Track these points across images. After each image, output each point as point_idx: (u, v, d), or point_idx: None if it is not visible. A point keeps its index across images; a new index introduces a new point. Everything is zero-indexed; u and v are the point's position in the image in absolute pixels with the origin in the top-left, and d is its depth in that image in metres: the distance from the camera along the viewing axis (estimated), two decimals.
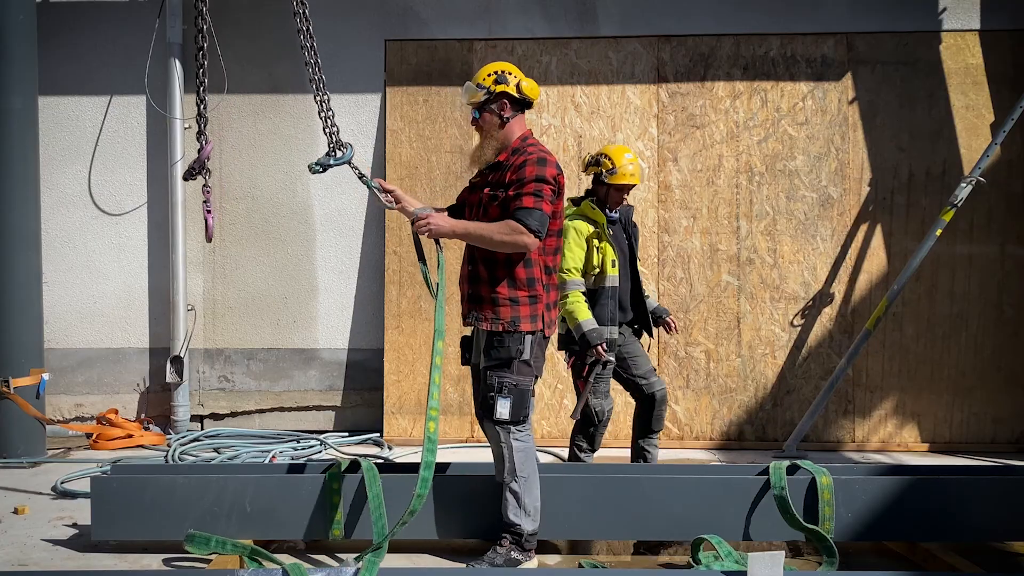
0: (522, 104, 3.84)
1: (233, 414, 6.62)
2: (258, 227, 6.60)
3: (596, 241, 4.55)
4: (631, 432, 4.89)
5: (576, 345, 4.49)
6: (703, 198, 6.27)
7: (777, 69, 6.31)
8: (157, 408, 6.60)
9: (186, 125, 6.51)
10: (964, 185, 5.70)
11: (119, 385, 6.64)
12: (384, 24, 6.49)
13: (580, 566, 3.69)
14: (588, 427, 4.65)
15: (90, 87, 6.59)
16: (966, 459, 5.84)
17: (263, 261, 6.60)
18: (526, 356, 3.68)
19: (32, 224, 5.87)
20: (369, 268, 6.55)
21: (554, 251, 3.80)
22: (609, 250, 4.58)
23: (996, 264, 6.22)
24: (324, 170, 3.89)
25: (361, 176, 3.97)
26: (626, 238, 4.76)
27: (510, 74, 3.81)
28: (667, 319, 4.91)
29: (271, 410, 6.61)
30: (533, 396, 3.84)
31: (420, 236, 3.80)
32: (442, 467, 4.32)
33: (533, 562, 3.78)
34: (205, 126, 4.17)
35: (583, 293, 4.53)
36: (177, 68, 6.43)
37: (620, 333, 4.67)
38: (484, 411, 3.73)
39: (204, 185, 4.28)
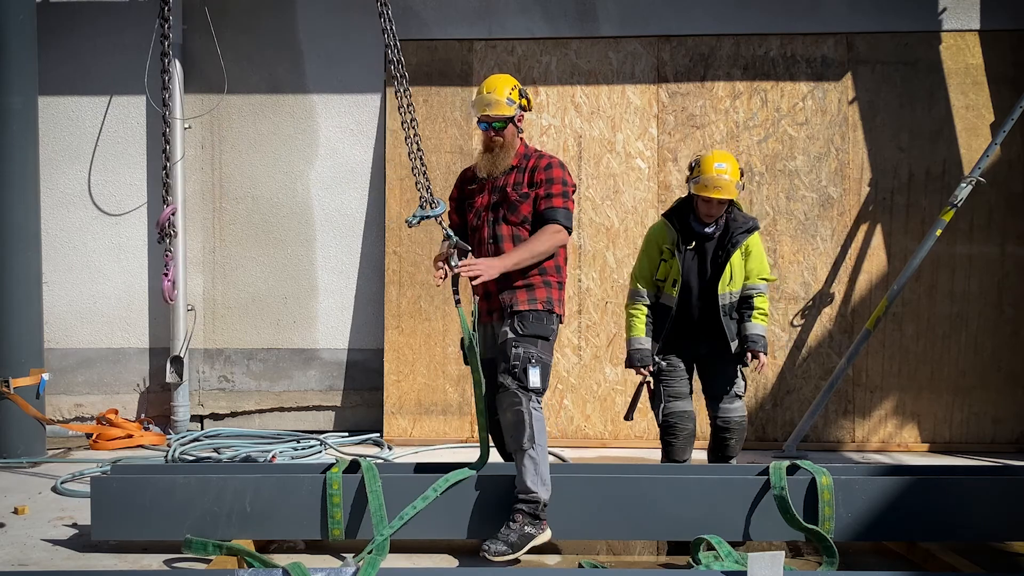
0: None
1: (233, 414, 6.62)
2: (258, 227, 6.60)
3: (666, 255, 4.32)
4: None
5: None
6: None
7: (777, 69, 6.31)
8: (157, 408, 6.60)
9: (186, 125, 6.51)
10: (964, 185, 5.70)
11: (119, 385, 6.64)
12: None
13: (580, 566, 3.70)
14: (664, 435, 4.40)
15: (90, 87, 6.59)
16: (966, 459, 5.84)
17: (263, 261, 6.60)
18: (554, 336, 3.96)
19: (32, 224, 5.87)
20: (369, 268, 6.55)
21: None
22: (674, 268, 4.29)
23: (996, 264, 6.22)
24: (419, 222, 4.03)
25: (448, 236, 3.98)
26: (718, 256, 4.28)
27: (523, 88, 4.08)
28: (755, 350, 4.25)
29: (271, 410, 6.61)
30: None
31: (469, 282, 3.86)
32: (442, 467, 4.32)
33: (547, 534, 3.83)
34: (167, 191, 4.27)
35: (647, 305, 4.36)
36: (177, 68, 6.43)
37: (667, 358, 4.36)
38: (514, 379, 3.79)
39: (165, 251, 4.32)
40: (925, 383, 6.20)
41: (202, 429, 6.54)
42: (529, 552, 3.95)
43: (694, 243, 4.31)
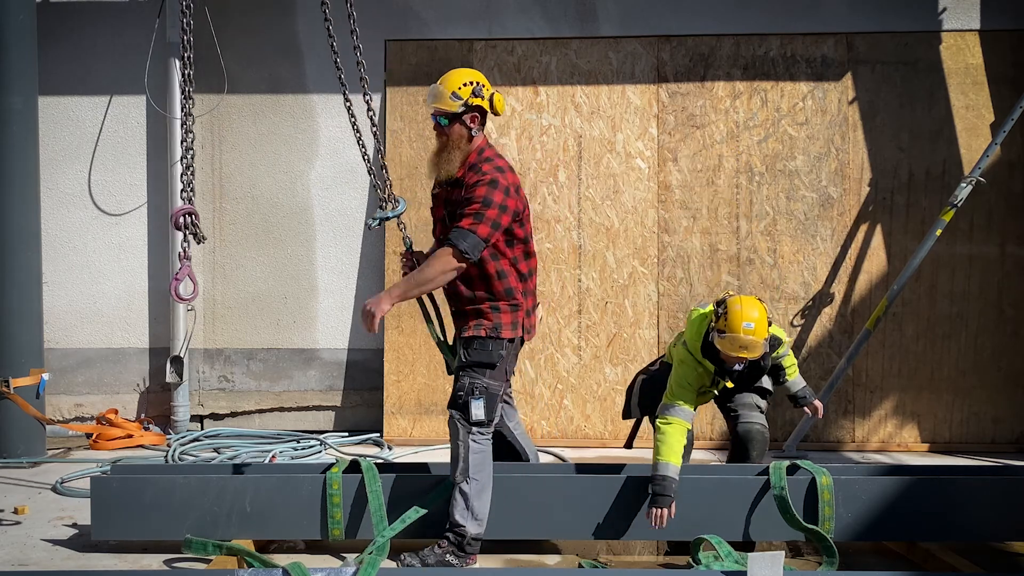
0: (486, 118, 3.85)
1: (233, 414, 6.62)
2: (258, 227, 6.60)
3: (703, 389, 4.03)
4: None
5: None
6: (703, 198, 6.27)
7: (777, 69, 6.31)
8: (157, 408, 6.60)
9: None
10: (964, 185, 5.70)
11: (119, 385, 6.63)
12: (384, 24, 6.48)
13: (580, 566, 3.70)
14: None
15: (90, 87, 6.59)
16: (966, 459, 5.84)
17: (263, 261, 6.59)
18: (503, 361, 3.76)
19: (32, 224, 5.87)
20: (369, 268, 6.55)
21: (525, 256, 3.84)
22: (708, 395, 4.10)
23: (996, 264, 6.22)
24: (379, 224, 4.01)
25: (405, 238, 4.05)
26: (748, 374, 4.10)
27: (483, 86, 3.79)
28: (810, 404, 4.27)
29: (271, 410, 6.61)
30: (511, 401, 3.95)
31: (369, 320, 3.73)
32: (439, 468, 4.33)
33: (473, 567, 3.76)
34: (189, 239, 4.02)
35: (687, 426, 3.86)
36: (177, 68, 6.42)
37: None
38: (456, 410, 3.75)
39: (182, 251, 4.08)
40: (925, 383, 6.20)
41: (202, 429, 6.54)
42: (529, 552, 3.96)
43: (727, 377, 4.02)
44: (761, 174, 6.26)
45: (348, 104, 4.14)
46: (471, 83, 3.76)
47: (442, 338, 4.03)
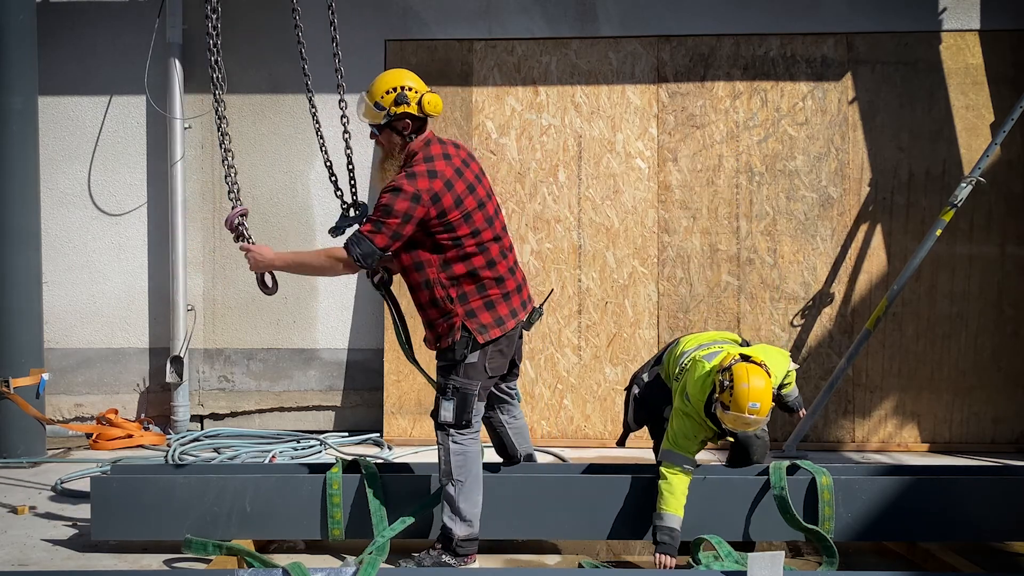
0: (425, 120, 3.76)
1: (233, 414, 6.62)
2: (258, 227, 6.59)
3: (706, 438, 3.95)
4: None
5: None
6: (703, 198, 6.27)
7: (777, 69, 6.31)
8: (157, 408, 6.60)
9: (186, 125, 6.51)
10: (964, 185, 5.70)
11: (119, 385, 6.63)
12: (384, 24, 6.48)
13: (580, 566, 3.70)
14: None
15: (90, 87, 6.59)
16: (966, 459, 5.84)
17: None
18: (472, 360, 3.70)
19: (32, 224, 5.87)
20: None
21: (480, 249, 3.70)
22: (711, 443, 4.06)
23: (996, 264, 6.22)
24: (341, 232, 3.99)
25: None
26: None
27: (410, 89, 3.69)
28: (797, 411, 4.28)
29: (271, 410, 6.61)
30: (481, 401, 3.80)
31: (256, 274, 3.83)
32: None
33: (470, 567, 3.75)
34: (236, 191, 4.01)
35: (689, 475, 3.83)
36: (177, 68, 6.43)
37: None
38: (432, 412, 3.77)
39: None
40: (925, 383, 6.20)
41: (202, 429, 6.54)
42: (529, 552, 3.96)
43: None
44: (761, 174, 6.26)
45: (314, 110, 4.10)
46: (395, 89, 3.65)
47: (407, 345, 4.05)
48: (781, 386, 4.10)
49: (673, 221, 6.27)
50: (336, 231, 4.04)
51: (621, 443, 4.44)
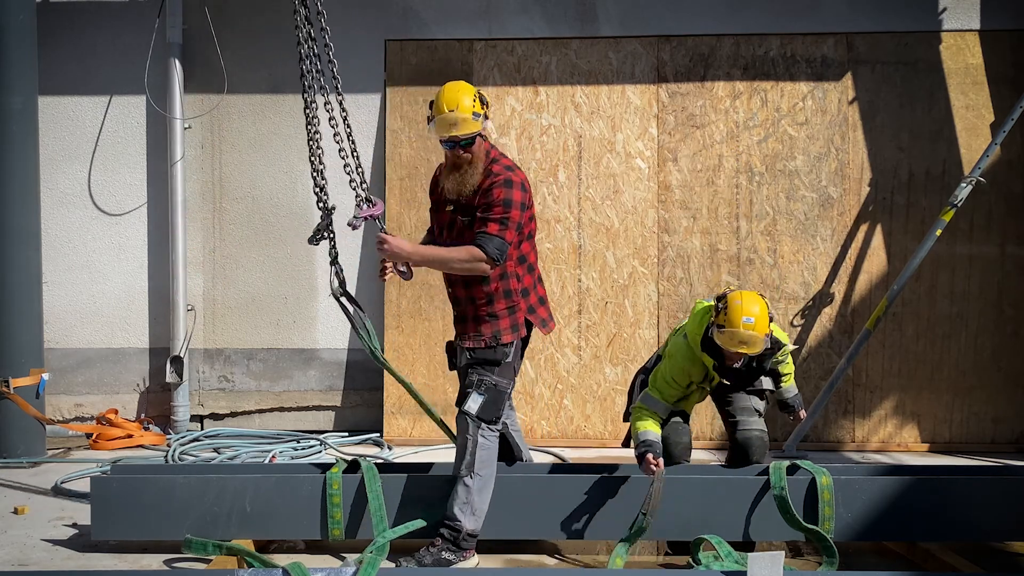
0: None
1: (233, 414, 6.62)
2: (258, 227, 6.60)
3: (694, 387, 4.03)
4: None
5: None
6: (703, 198, 6.27)
7: (777, 69, 6.31)
8: (157, 408, 6.60)
9: (186, 125, 6.51)
10: (964, 185, 5.70)
11: (119, 385, 6.63)
12: (384, 24, 6.48)
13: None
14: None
15: (90, 87, 6.59)
16: (966, 459, 5.84)
17: (263, 261, 6.59)
18: (508, 359, 3.80)
19: (32, 224, 5.87)
20: (369, 268, 6.54)
21: (532, 249, 3.89)
22: (702, 393, 4.11)
23: (996, 264, 6.22)
24: (316, 242, 4.05)
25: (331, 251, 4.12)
26: (745, 374, 4.02)
27: (480, 92, 3.76)
28: (796, 412, 4.27)
29: (271, 410, 6.61)
30: (510, 399, 3.92)
31: (381, 257, 3.80)
32: (439, 468, 4.33)
33: (470, 562, 3.76)
34: (365, 190, 3.99)
35: (662, 418, 3.96)
36: (177, 68, 6.43)
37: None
38: (459, 402, 3.80)
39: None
40: (925, 383, 6.20)
41: (202, 429, 6.54)
42: (529, 552, 3.96)
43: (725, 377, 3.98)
44: (761, 174, 6.26)
45: (328, 104, 4.07)
46: (476, 96, 3.71)
47: (374, 347, 4.05)
48: (779, 363, 4.12)
49: (673, 221, 6.27)
50: (315, 239, 4.06)
51: (627, 443, 4.44)
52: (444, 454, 5.89)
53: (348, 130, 4.06)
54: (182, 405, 6.47)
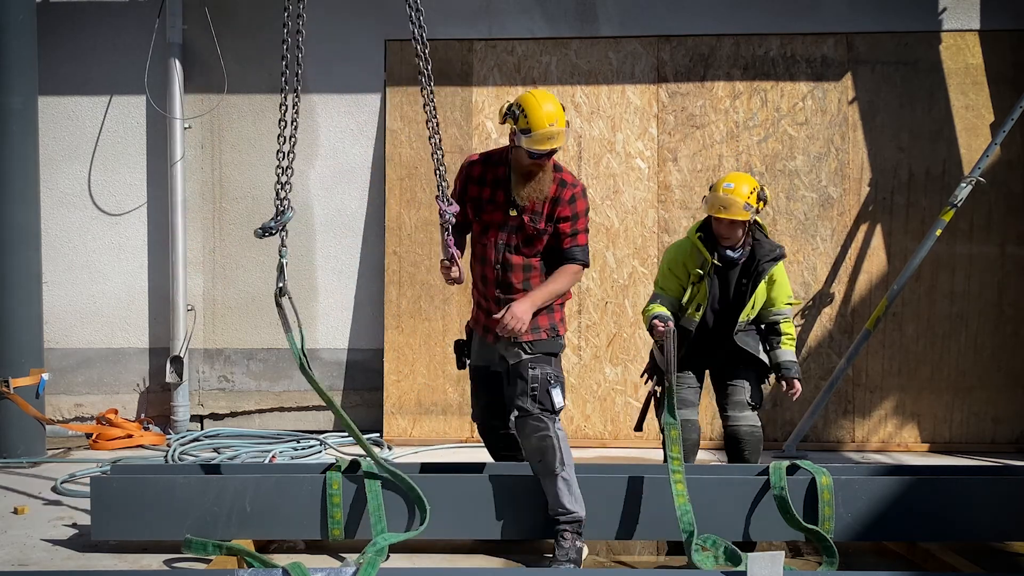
0: None
1: (233, 414, 6.62)
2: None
3: (694, 277, 4.22)
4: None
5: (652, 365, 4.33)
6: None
7: (777, 69, 6.31)
8: (157, 408, 6.60)
9: (186, 125, 6.51)
10: (964, 185, 5.70)
11: (119, 385, 6.63)
12: (384, 24, 6.48)
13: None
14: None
15: (90, 87, 6.59)
16: (966, 459, 5.84)
17: (263, 261, 6.59)
18: (561, 352, 3.94)
19: (32, 224, 5.87)
20: (369, 268, 6.55)
21: None
22: (701, 292, 4.23)
23: (996, 264, 6.22)
24: (271, 233, 4.01)
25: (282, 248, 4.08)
26: (742, 284, 4.23)
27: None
28: (789, 377, 4.28)
29: (271, 410, 6.61)
30: None
31: (517, 325, 3.75)
32: (441, 467, 4.33)
33: (586, 547, 3.88)
34: (443, 190, 4.03)
35: (664, 307, 4.23)
36: (177, 68, 6.43)
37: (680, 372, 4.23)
38: (535, 404, 3.73)
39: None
40: (925, 383, 6.20)
41: (202, 429, 6.54)
42: (529, 552, 3.96)
43: (721, 265, 4.20)
44: (761, 174, 6.26)
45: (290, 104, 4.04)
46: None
47: (301, 349, 3.99)
48: (776, 316, 4.32)
49: (673, 221, 6.27)
50: (266, 232, 4.02)
51: (639, 427, 4.48)
52: (444, 454, 5.90)
53: (294, 131, 4.02)
54: (182, 405, 6.47)
